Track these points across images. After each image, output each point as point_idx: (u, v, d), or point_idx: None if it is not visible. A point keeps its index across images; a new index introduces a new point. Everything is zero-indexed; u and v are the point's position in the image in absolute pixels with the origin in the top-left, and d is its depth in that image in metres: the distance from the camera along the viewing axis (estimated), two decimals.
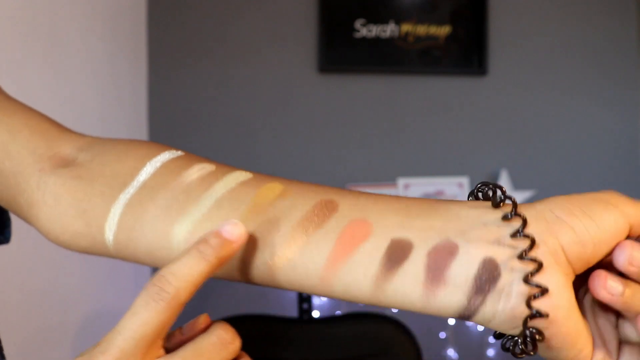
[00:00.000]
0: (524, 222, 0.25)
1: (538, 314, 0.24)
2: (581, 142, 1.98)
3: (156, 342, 0.27)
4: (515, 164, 1.95)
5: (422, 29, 1.92)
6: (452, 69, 1.95)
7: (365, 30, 1.90)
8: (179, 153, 0.35)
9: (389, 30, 1.90)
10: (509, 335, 0.26)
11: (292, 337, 1.16)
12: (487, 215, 0.27)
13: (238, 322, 1.20)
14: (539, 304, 0.24)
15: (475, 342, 1.74)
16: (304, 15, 1.88)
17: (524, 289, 0.25)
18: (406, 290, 0.26)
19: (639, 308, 0.25)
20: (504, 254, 0.25)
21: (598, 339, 0.27)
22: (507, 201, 0.27)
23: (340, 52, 1.89)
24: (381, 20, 1.90)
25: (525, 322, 0.25)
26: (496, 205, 0.27)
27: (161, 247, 0.31)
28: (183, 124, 1.85)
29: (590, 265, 0.26)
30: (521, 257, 0.25)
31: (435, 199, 0.29)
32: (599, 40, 1.99)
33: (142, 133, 1.79)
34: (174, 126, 1.84)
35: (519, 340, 0.25)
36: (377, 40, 1.90)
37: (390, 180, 1.91)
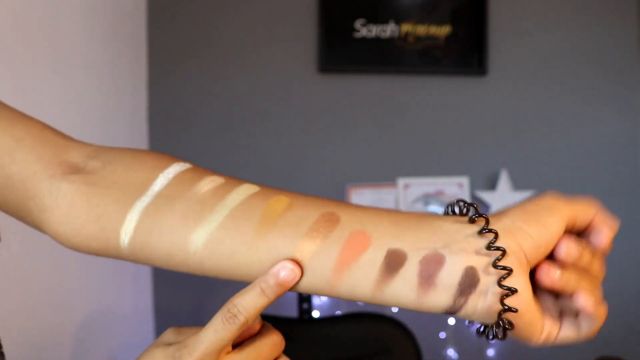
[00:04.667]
0: (496, 236, 0.32)
1: (510, 310, 0.32)
2: (581, 142, 1.98)
3: (227, 347, 0.35)
4: (515, 164, 1.95)
5: (422, 29, 1.92)
6: (452, 69, 1.95)
7: (365, 30, 1.90)
8: (187, 165, 0.39)
9: (389, 30, 1.90)
10: (485, 325, 0.34)
11: (291, 337, 1.16)
12: (466, 230, 0.34)
13: None
14: (510, 302, 0.32)
15: (475, 342, 1.74)
16: (304, 15, 1.88)
17: (498, 290, 0.32)
18: (402, 293, 0.33)
19: (573, 288, 0.33)
20: (482, 262, 0.33)
21: (545, 311, 0.35)
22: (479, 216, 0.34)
23: (340, 52, 1.88)
24: (381, 20, 1.90)
25: (499, 315, 0.32)
26: (471, 221, 0.34)
27: (178, 251, 0.35)
28: (183, 124, 1.85)
29: (541, 260, 0.34)
30: (495, 265, 0.32)
31: (419, 213, 0.36)
32: (599, 40, 1.99)
33: (142, 133, 1.79)
34: (173, 126, 1.84)
35: (494, 328, 0.33)
36: (377, 40, 1.90)
37: (390, 180, 1.91)
